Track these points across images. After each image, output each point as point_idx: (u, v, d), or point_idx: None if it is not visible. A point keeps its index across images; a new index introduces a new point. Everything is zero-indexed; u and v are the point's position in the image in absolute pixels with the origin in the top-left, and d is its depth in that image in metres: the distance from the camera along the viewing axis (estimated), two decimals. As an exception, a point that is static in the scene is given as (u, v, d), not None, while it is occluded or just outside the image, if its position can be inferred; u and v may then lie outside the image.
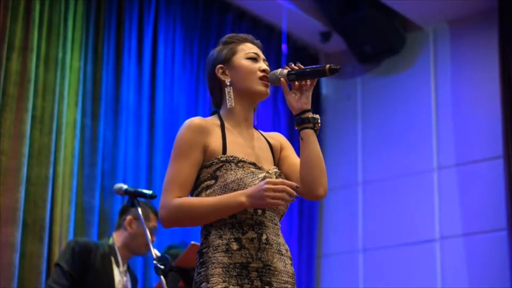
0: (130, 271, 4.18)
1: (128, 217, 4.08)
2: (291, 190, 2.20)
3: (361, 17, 5.94)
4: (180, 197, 2.29)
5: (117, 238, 4.10)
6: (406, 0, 5.80)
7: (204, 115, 2.52)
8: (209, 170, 2.32)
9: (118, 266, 4.04)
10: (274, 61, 5.84)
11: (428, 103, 6.02)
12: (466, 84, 5.91)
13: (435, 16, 6.00)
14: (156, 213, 4.09)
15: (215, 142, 2.35)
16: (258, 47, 2.51)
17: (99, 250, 3.97)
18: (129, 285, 4.11)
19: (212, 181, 2.30)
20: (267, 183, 2.20)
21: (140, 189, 3.76)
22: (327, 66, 2.32)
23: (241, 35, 2.54)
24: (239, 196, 2.23)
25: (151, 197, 3.72)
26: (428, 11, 5.93)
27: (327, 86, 6.60)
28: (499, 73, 5.54)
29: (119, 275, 4.03)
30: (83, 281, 3.90)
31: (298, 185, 2.24)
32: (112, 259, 4.02)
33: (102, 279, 3.93)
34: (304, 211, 6.26)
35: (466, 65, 5.93)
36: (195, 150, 2.33)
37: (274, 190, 2.19)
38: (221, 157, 2.32)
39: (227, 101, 2.41)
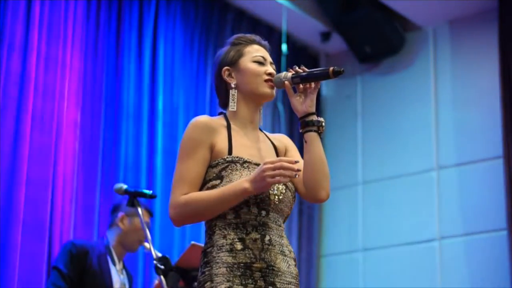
0: (125, 268, 4.19)
1: (120, 214, 4.11)
2: (290, 165, 2.20)
3: (361, 17, 5.94)
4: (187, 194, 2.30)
5: (111, 237, 4.12)
6: (406, 0, 5.80)
7: (204, 115, 2.52)
8: (215, 170, 2.32)
9: (114, 264, 4.06)
10: (274, 61, 5.79)
11: (428, 103, 6.01)
12: (466, 84, 5.90)
13: (435, 16, 6.00)
14: (146, 209, 4.10)
15: (221, 142, 2.36)
16: (266, 49, 2.51)
17: (95, 251, 3.99)
18: (126, 282, 4.12)
19: (218, 181, 2.31)
20: (265, 163, 2.21)
21: (140, 189, 3.76)
22: (331, 68, 2.33)
23: (249, 36, 2.52)
24: (243, 183, 2.24)
25: (151, 197, 3.72)
26: (428, 11, 5.93)
27: (327, 85, 6.60)
28: (499, 73, 5.54)
29: (116, 274, 4.05)
30: (82, 282, 3.91)
31: (297, 160, 2.24)
32: (109, 258, 4.04)
33: (100, 280, 3.94)
34: (304, 211, 6.26)
35: (466, 65, 5.92)
36: (202, 148, 2.33)
37: (273, 169, 2.19)
38: (227, 157, 2.33)
39: (230, 104, 2.42)
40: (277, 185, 2.31)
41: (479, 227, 5.56)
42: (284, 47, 5.96)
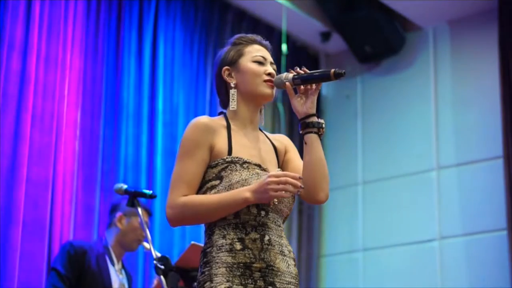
0: (124, 268, 4.19)
1: (118, 214, 4.11)
2: (295, 181, 2.20)
3: (361, 17, 5.94)
4: (186, 195, 2.29)
5: (109, 237, 4.13)
6: (406, 0, 5.80)
7: (204, 115, 2.52)
8: (214, 170, 2.32)
9: (113, 264, 4.06)
10: (274, 61, 5.80)
11: (428, 103, 6.01)
12: (466, 84, 5.90)
13: (435, 16, 6.00)
14: (145, 208, 4.10)
15: (221, 142, 2.36)
16: (266, 49, 2.51)
17: (93, 251, 3.99)
18: (125, 282, 4.11)
19: (217, 181, 2.31)
20: (270, 176, 2.21)
21: (140, 189, 3.76)
22: (332, 70, 2.34)
23: (250, 36, 2.53)
24: (244, 192, 2.24)
25: (151, 197, 3.72)
26: (428, 11, 5.92)
27: (327, 85, 6.59)
28: (499, 73, 5.54)
29: (115, 274, 4.04)
30: (80, 283, 3.91)
31: (301, 176, 2.24)
32: (107, 258, 4.04)
33: (99, 280, 3.94)
34: (304, 211, 6.26)
35: (466, 65, 5.92)
36: (202, 149, 2.33)
37: (277, 183, 2.20)
38: (227, 157, 2.33)
39: (230, 104, 2.42)
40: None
41: (479, 227, 5.56)
42: (284, 47, 5.96)
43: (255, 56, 2.46)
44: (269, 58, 2.48)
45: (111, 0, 5.10)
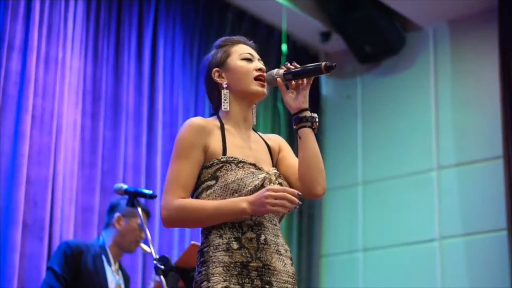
0: (121, 269, 4.18)
1: (116, 215, 4.10)
2: (293, 198, 2.21)
3: (361, 17, 5.94)
4: (182, 197, 2.30)
5: (107, 237, 4.11)
6: (406, 0, 5.80)
7: (204, 115, 2.53)
8: (210, 171, 2.33)
9: (110, 265, 4.05)
10: (274, 61, 5.83)
11: (428, 103, 6.01)
12: (466, 84, 5.90)
13: (435, 16, 6.00)
14: (144, 209, 4.09)
15: (215, 143, 2.36)
16: (252, 48, 2.52)
17: (90, 251, 3.98)
18: (122, 283, 4.11)
19: (213, 182, 2.32)
20: (268, 190, 2.21)
21: (140, 189, 3.75)
22: (323, 64, 2.34)
23: (234, 37, 2.55)
24: (241, 202, 2.25)
25: (151, 197, 3.71)
26: (428, 11, 5.93)
27: (327, 86, 6.60)
28: (499, 73, 5.53)
29: (111, 275, 4.03)
30: (76, 283, 3.90)
31: (299, 193, 2.24)
32: (104, 258, 4.03)
33: (95, 280, 3.93)
34: (304, 211, 6.26)
35: (466, 65, 5.92)
36: (196, 150, 2.34)
37: (275, 198, 2.20)
38: (221, 158, 2.33)
39: (222, 104, 2.43)
40: (271, 184, 2.31)
41: (479, 227, 5.56)
42: (284, 47, 5.96)
43: (242, 54, 2.47)
44: (256, 55, 2.50)
45: (111, 0, 5.10)
